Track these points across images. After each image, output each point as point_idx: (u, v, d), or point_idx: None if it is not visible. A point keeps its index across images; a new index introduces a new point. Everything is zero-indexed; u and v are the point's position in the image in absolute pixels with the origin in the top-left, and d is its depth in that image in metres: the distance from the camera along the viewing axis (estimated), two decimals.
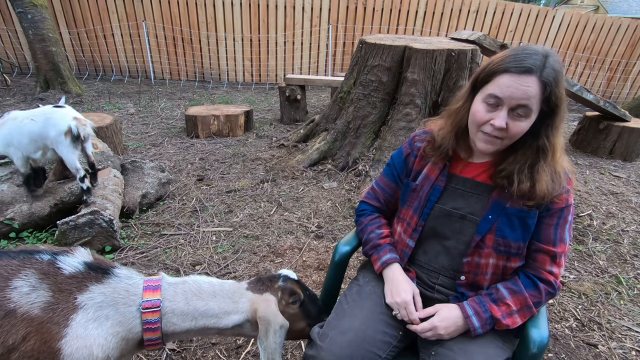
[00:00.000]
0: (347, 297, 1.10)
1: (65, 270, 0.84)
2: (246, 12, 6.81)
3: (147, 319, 0.86)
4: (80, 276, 0.84)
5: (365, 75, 3.19)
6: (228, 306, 0.93)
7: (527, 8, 7.20)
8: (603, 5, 21.43)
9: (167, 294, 0.90)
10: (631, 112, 4.65)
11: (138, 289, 0.88)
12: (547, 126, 0.89)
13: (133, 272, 0.93)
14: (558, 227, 0.93)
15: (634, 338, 1.80)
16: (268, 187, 3.01)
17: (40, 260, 0.83)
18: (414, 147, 1.11)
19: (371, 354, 0.96)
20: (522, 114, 0.86)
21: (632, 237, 2.65)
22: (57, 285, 0.81)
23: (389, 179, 1.17)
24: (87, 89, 5.98)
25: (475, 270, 0.98)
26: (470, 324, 0.94)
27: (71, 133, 2.11)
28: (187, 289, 0.93)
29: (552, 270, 0.94)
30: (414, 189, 1.07)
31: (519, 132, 0.88)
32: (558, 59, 0.86)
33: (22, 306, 0.77)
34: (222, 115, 4.08)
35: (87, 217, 2.02)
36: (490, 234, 0.94)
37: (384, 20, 7.15)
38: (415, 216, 1.05)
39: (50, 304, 0.79)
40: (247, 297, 0.96)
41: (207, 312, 0.92)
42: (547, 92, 0.84)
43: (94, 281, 0.85)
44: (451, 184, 1.02)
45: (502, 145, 0.92)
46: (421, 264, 1.07)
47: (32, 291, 0.79)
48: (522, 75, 0.83)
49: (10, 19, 6.37)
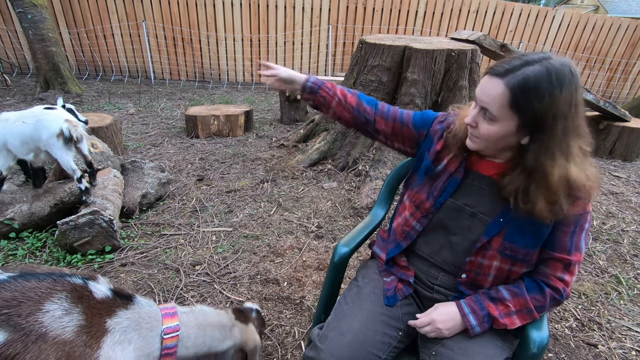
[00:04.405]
0: (347, 298, 1.09)
1: (97, 295, 0.86)
2: (246, 12, 6.81)
3: (167, 344, 0.91)
4: (109, 301, 0.87)
5: (365, 75, 3.19)
6: (227, 333, 1.07)
7: (527, 8, 7.19)
8: (603, 5, 21.42)
9: (182, 320, 0.97)
10: (631, 112, 4.65)
11: (158, 316, 0.93)
12: (536, 143, 0.83)
13: (150, 300, 0.97)
14: (574, 235, 0.89)
15: (634, 338, 1.80)
16: (268, 187, 3.01)
17: (73, 283, 0.84)
18: (447, 119, 1.06)
19: (371, 355, 0.95)
20: (488, 117, 0.85)
21: (632, 237, 2.65)
22: (91, 310, 0.83)
23: (411, 114, 1.11)
24: (87, 89, 5.98)
25: (478, 269, 0.96)
26: (467, 322, 0.94)
27: (63, 135, 2.10)
28: (198, 317, 1.02)
29: (563, 277, 0.91)
30: (432, 175, 1.03)
31: (486, 134, 0.87)
32: (558, 72, 0.78)
33: (53, 330, 0.76)
34: (222, 115, 4.08)
35: (87, 217, 2.02)
36: (499, 237, 0.92)
37: (384, 20, 7.15)
38: (428, 202, 1.02)
39: (84, 327, 0.80)
40: (238, 327, 1.10)
41: (213, 337, 1.03)
42: (518, 99, 0.79)
43: (121, 307, 0.88)
44: (467, 179, 0.99)
45: (481, 145, 0.91)
46: (423, 255, 1.06)
47: (65, 315, 0.78)
48: (492, 77, 0.83)
49: (10, 19, 6.37)
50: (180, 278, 1.98)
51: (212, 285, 1.96)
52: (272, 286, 1.98)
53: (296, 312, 1.82)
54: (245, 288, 1.95)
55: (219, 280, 1.99)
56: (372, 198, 2.75)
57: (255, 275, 2.04)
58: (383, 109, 1.12)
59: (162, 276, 1.99)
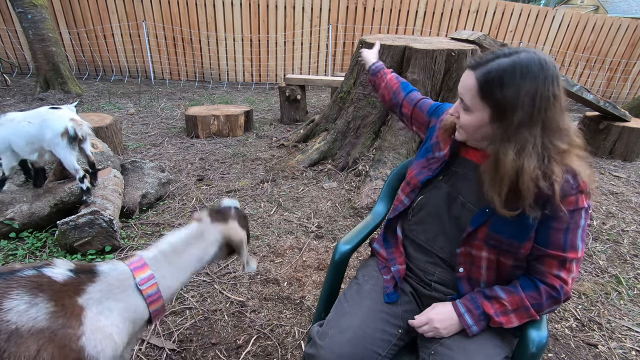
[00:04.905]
0: (347, 295, 1.10)
1: (58, 278, 0.85)
2: (246, 12, 6.81)
3: (148, 293, 0.92)
4: (74, 281, 0.86)
5: (365, 75, 3.19)
6: (204, 245, 1.05)
7: (527, 8, 7.20)
8: (603, 5, 21.43)
9: (152, 266, 0.96)
10: (631, 112, 4.65)
11: (128, 274, 0.92)
12: (499, 130, 0.85)
13: (115, 262, 0.95)
14: (568, 232, 0.87)
15: (634, 338, 1.80)
16: (268, 187, 3.01)
17: (26, 275, 0.83)
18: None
19: (371, 352, 0.96)
20: (464, 107, 0.90)
21: (632, 237, 2.65)
22: (57, 294, 0.82)
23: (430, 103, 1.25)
24: (87, 89, 5.98)
25: (470, 260, 0.97)
26: (463, 322, 0.94)
27: (67, 134, 2.10)
28: (165, 253, 1.00)
29: (559, 274, 0.89)
30: (428, 157, 1.09)
31: (465, 124, 0.92)
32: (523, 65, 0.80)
33: (24, 324, 0.76)
34: (222, 115, 4.09)
35: (87, 217, 2.02)
36: (484, 227, 0.92)
37: (384, 20, 7.15)
38: (417, 178, 1.08)
39: (56, 313, 0.80)
40: (216, 229, 1.08)
41: (191, 259, 1.03)
42: (484, 90, 0.84)
43: (87, 282, 0.87)
44: (454, 164, 1.02)
45: (464, 136, 0.96)
46: (420, 242, 1.07)
47: (30, 307, 0.78)
48: (468, 70, 0.89)
49: (10, 19, 6.37)
50: None
51: (212, 285, 1.96)
52: (272, 286, 1.98)
53: (296, 312, 1.83)
54: (245, 288, 1.95)
55: (219, 280, 1.99)
56: (372, 198, 2.75)
57: (255, 275, 2.04)
58: (412, 95, 1.31)
59: None
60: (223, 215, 1.11)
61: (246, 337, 1.67)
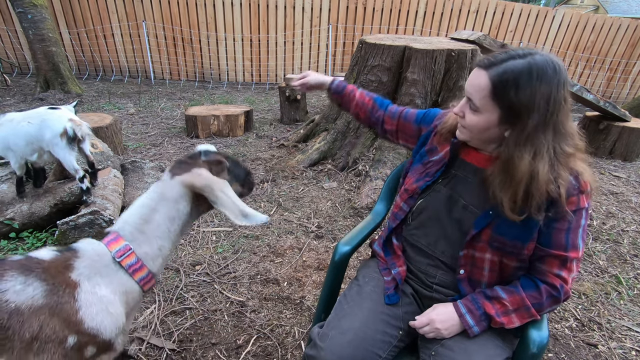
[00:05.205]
0: (347, 297, 1.10)
1: (45, 257, 0.87)
2: (246, 12, 6.80)
3: (127, 263, 0.91)
4: (61, 258, 0.88)
5: (365, 75, 3.19)
6: (169, 203, 0.96)
7: (527, 8, 7.20)
8: (603, 5, 21.43)
9: (126, 237, 0.94)
10: (631, 112, 4.65)
11: (103, 249, 0.92)
12: (511, 135, 0.85)
13: (88, 240, 0.96)
14: (570, 232, 0.88)
15: (634, 338, 1.80)
16: (268, 187, 3.01)
17: (15, 259, 0.85)
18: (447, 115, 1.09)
19: (372, 353, 0.96)
20: (472, 107, 0.88)
21: (632, 237, 2.65)
22: (48, 272, 0.84)
23: (415, 112, 1.20)
24: (87, 89, 5.98)
25: (472, 262, 0.96)
26: (464, 323, 0.94)
27: (66, 134, 2.09)
28: (133, 223, 0.95)
29: (559, 273, 0.90)
30: (425, 162, 1.07)
31: (471, 125, 0.90)
32: (539, 67, 0.79)
33: (24, 302, 0.78)
34: (222, 115, 4.08)
35: (87, 217, 2.02)
36: (488, 229, 0.92)
37: (384, 20, 7.15)
38: (416, 184, 1.06)
39: (52, 290, 0.82)
40: (175, 182, 0.96)
41: (161, 222, 0.95)
42: (497, 91, 0.82)
43: (73, 258, 0.88)
44: (454, 167, 1.01)
45: (467, 135, 0.94)
46: (421, 247, 1.06)
47: (26, 286, 0.80)
48: (478, 69, 0.86)
49: (10, 19, 6.37)
50: (180, 278, 1.98)
51: (212, 285, 1.96)
52: (272, 286, 1.98)
53: (296, 312, 1.83)
54: (245, 288, 1.95)
55: (219, 280, 1.99)
56: (372, 198, 2.75)
57: (255, 275, 2.04)
58: (391, 109, 1.25)
59: (162, 276, 1.99)
60: (187, 165, 0.99)
61: (246, 337, 1.67)
